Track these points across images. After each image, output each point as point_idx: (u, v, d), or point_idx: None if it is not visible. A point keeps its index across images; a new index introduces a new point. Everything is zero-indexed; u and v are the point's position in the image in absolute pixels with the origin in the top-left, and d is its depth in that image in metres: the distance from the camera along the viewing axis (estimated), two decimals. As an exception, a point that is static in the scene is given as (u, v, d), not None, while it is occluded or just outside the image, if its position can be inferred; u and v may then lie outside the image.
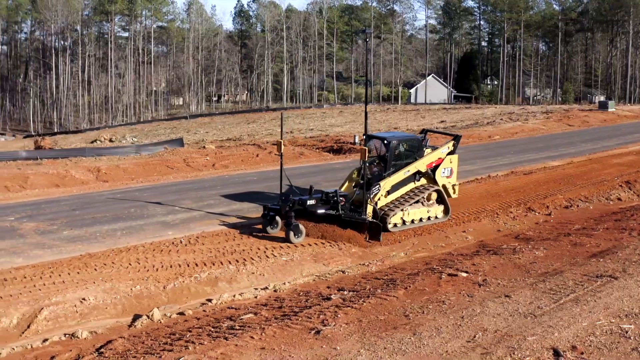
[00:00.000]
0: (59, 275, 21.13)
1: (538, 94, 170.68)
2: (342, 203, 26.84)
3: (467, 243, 26.76)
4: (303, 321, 16.04)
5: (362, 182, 27.35)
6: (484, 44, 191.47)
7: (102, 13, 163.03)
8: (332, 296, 18.72)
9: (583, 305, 16.16)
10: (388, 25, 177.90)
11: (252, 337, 14.89)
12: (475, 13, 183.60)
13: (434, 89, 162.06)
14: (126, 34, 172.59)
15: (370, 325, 15.39)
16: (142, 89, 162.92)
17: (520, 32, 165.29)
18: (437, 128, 74.08)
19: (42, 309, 18.63)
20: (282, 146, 28.70)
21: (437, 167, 29.69)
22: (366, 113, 57.06)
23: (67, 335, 17.47)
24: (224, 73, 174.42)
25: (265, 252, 24.31)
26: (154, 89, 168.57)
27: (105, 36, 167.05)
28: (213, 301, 19.95)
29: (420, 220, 28.93)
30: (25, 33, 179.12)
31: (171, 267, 22.32)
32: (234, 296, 20.36)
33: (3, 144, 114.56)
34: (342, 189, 28.54)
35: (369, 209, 27.13)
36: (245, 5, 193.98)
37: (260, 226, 27.31)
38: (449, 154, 30.16)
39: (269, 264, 23.41)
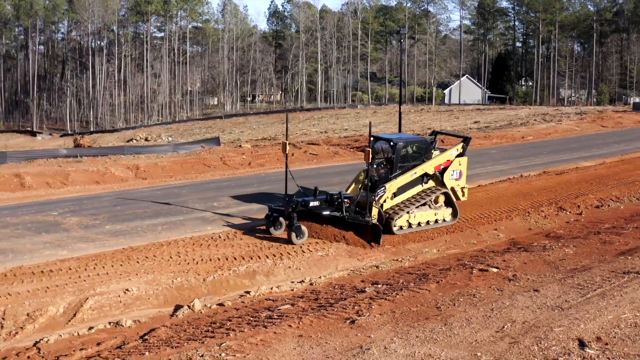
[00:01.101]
0: (103, 267, 21.95)
1: (573, 95, 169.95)
2: (347, 205, 26.69)
3: (498, 241, 27.09)
4: (338, 311, 16.65)
5: (368, 184, 27.30)
6: (518, 44, 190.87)
7: (138, 13, 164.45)
8: (366, 289, 19.31)
9: (609, 299, 16.61)
10: (422, 26, 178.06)
11: (289, 326, 15.53)
12: (510, 13, 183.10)
13: (468, 90, 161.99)
14: (162, 34, 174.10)
15: (403, 316, 15.95)
16: (178, 89, 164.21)
17: (555, 32, 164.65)
18: (470, 129, 74.41)
19: (87, 298, 19.40)
20: (287, 147, 28.46)
21: (445, 169, 29.29)
22: (400, 113, 57.67)
23: (111, 324, 18.17)
24: (258, 73, 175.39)
25: (301, 247, 24.93)
26: (189, 88, 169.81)
27: (141, 36, 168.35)
28: (251, 293, 20.60)
29: (428, 223, 28.61)
30: (62, 33, 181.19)
31: (210, 260, 23.05)
32: (272, 289, 20.99)
33: (40, 143, 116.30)
34: (349, 191, 28.44)
35: (374, 211, 26.93)
36: (280, 6, 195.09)
37: None
38: (458, 156, 29.77)
39: (305, 258, 24.06)
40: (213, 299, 20.14)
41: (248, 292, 20.77)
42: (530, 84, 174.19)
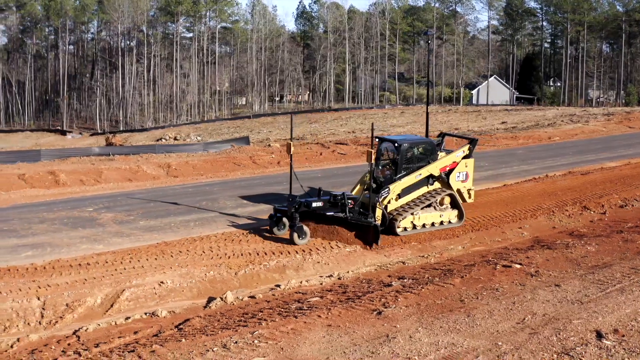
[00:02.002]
0: (138, 260, 22.76)
1: (601, 95, 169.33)
2: (351, 206, 26.62)
3: (522, 239, 27.47)
4: (366, 303, 17.30)
5: (373, 185, 27.35)
6: (546, 45, 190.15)
7: (168, 14, 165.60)
8: (392, 283, 19.91)
9: (628, 294, 17.13)
10: (450, 27, 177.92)
11: (319, 316, 16.19)
12: (538, 14, 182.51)
13: (496, 91, 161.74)
14: (191, 35, 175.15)
15: (427, 308, 16.56)
16: (206, 89, 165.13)
17: (584, 33, 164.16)
18: (497, 129, 74.79)
19: (123, 290, 20.20)
20: (292, 148, 28.80)
21: (451, 171, 29.25)
22: (427, 114, 58.14)
23: (147, 314, 18.93)
24: (286, 73, 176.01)
25: (330, 242, 25.62)
26: (218, 88, 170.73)
27: (171, 36, 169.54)
28: (281, 286, 21.27)
29: (433, 224, 28.49)
30: (92, 33, 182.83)
31: (242, 255, 23.80)
32: (301, 282, 21.65)
33: (70, 142, 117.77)
34: (354, 192, 28.39)
35: (378, 212, 26.87)
36: (308, 7, 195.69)
37: None
38: (464, 157, 29.75)
39: (333, 254, 24.74)
40: (245, 291, 20.86)
41: (278, 286, 21.45)
42: (559, 84, 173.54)
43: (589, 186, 37.17)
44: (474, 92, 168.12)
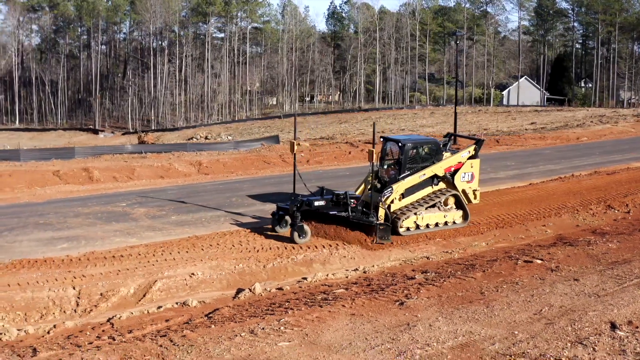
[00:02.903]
0: (170, 253, 23.57)
1: (633, 97, 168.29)
2: (354, 205, 26.73)
3: (546, 236, 27.86)
4: (389, 294, 17.89)
5: (377, 185, 27.97)
6: (577, 46, 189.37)
7: (199, 14, 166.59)
8: (415, 276, 20.48)
9: (644, 289, 17.62)
10: (481, 27, 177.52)
11: (343, 306, 16.81)
12: (569, 15, 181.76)
13: (527, 91, 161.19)
14: (222, 35, 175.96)
15: (448, 300, 17.11)
16: (237, 89, 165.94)
17: (615, 34, 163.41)
18: (526, 130, 74.95)
19: (155, 281, 20.99)
20: (296, 147, 29.14)
21: (456, 171, 29.18)
22: (455, 114, 58.61)
23: (178, 304, 19.65)
24: (317, 74, 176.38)
25: (357, 238, 26.16)
26: (249, 88, 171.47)
27: (202, 37, 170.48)
28: (308, 279, 21.94)
29: (437, 225, 28.53)
30: (124, 33, 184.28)
31: (270, 249, 24.58)
32: (327, 276, 22.29)
33: (102, 140, 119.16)
34: (358, 191, 28.52)
35: (381, 212, 27.01)
36: (338, 7, 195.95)
37: None
38: (470, 158, 29.69)
39: (359, 249, 25.40)
40: (272, 283, 21.55)
41: (305, 279, 22.12)
42: (590, 85, 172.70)
43: (614, 186, 37.38)
44: (505, 92, 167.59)
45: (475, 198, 30.06)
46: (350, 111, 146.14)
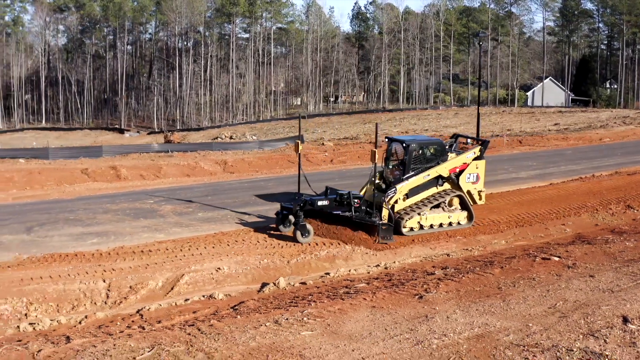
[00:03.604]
0: (197, 248, 24.34)
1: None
2: (357, 205, 26.95)
3: (564, 235, 28.27)
4: (408, 289, 18.44)
5: (383, 185, 28.25)
6: (602, 46, 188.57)
7: (224, 15, 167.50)
8: (435, 272, 21.03)
9: (659, 285, 18.07)
10: (505, 28, 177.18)
11: (364, 299, 17.39)
12: (594, 15, 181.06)
13: (551, 92, 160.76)
14: (247, 35, 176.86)
15: (466, 294, 17.63)
16: (262, 89, 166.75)
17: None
18: (549, 130, 75.21)
19: (183, 275, 21.69)
20: (300, 146, 29.76)
21: (461, 172, 29.16)
22: (478, 115, 58.91)
23: (205, 296, 20.37)
24: (341, 74, 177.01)
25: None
26: (273, 89, 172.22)
27: (227, 37, 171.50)
28: (331, 274, 22.58)
29: (441, 225, 28.62)
30: (150, 34, 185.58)
31: (294, 245, 25.29)
32: (349, 271, 22.92)
33: (128, 140, 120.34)
34: (363, 192, 28.50)
35: (384, 212, 27.11)
36: (363, 8, 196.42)
37: None
38: (475, 159, 29.65)
39: (381, 245, 25.96)
40: (296, 278, 22.16)
41: (328, 274, 22.75)
42: (615, 86, 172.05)
43: (635, 186, 37.65)
44: (529, 93, 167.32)
45: (480, 199, 30.09)
46: (375, 111, 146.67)
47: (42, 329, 17.75)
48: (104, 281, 20.93)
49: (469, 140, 32.43)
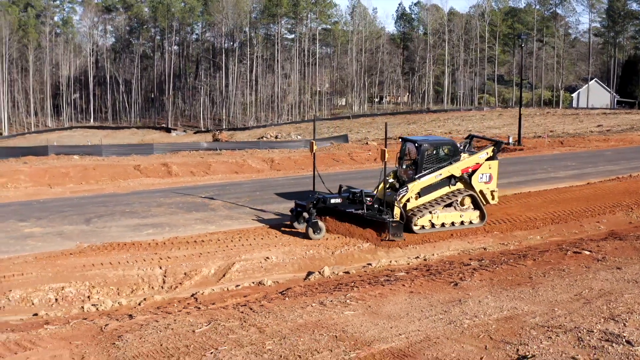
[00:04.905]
0: (246, 239, 25.92)
1: None
2: (370, 203, 27.42)
3: (598, 232, 29.13)
4: (445, 277, 19.72)
5: (397, 184, 29.12)
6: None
7: (270, 16, 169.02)
8: (471, 263, 22.30)
9: (681, 276, 19.15)
10: (550, 29, 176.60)
11: (403, 285, 18.72)
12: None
13: (597, 94, 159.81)
14: (292, 36, 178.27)
15: (498, 282, 18.83)
16: (307, 89, 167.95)
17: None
18: (591, 132, 75.74)
19: (234, 263, 23.20)
20: (315, 146, 30.64)
21: (474, 172, 29.58)
22: (520, 116, 59.85)
23: (255, 283, 21.85)
24: (386, 75, 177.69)
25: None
26: (318, 89, 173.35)
27: (272, 38, 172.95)
28: (373, 265, 23.96)
29: (452, 224, 29.17)
30: (197, 34, 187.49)
31: (338, 237, 26.74)
32: (390, 262, 24.28)
33: (174, 139, 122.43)
34: (377, 191, 28.92)
35: (396, 210, 27.59)
36: (407, 9, 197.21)
37: None
38: (488, 159, 30.00)
39: (420, 238, 27.47)
40: (340, 268, 23.55)
41: (370, 264, 24.11)
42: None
43: (672, 185, 38.38)
44: (574, 95, 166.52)
45: (493, 199, 30.53)
46: (419, 112, 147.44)
47: (104, 309, 19.31)
48: (160, 268, 22.47)
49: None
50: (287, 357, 12.86)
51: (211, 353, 13.11)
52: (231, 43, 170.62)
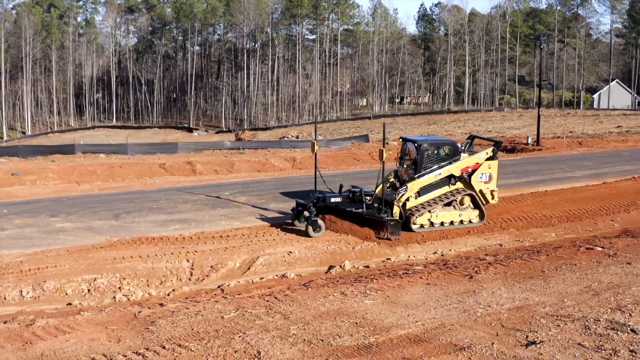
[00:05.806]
0: (270, 235, 26.98)
1: None
2: (369, 202, 27.99)
3: (612, 229, 29.71)
4: (460, 270, 20.61)
5: (398, 183, 29.70)
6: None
7: (291, 16, 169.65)
8: (486, 258, 23.14)
9: (688, 271, 19.90)
10: (572, 30, 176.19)
11: (420, 277, 19.63)
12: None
13: (618, 95, 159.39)
14: (313, 37, 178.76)
15: (512, 276, 19.65)
16: (328, 90, 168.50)
17: None
18: (610, 132, 76.26)
19: (258, 257, 24.19)
20: (316, 146, 31.64)
21: (474, 172, 29.87)
22: (539, 117, 60.56)
23: (278, 276, 22.86)
24: (406, 75, 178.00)
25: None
26: (339, 89, 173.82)
27: (294, 38, 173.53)
28: (392, 259, 24.89)
29: (452, 223, 29.50)
30: (218, 35, 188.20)
31: (359, 232, 27.55)
32: (409, 257, 25.20)
33: (196, 139, 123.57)
34: (377, 190, 29.08)
35: (395, 209, 27.99)
36: (429, 9, 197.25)
37: None
38: (488, 159, 30.30)
39: (437, 234, 28.39)
40: (360, 262, 24.51)
41: (389, 259, 25.04)
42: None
43: (687, 185, 38.90)
44: (595, 96, 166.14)
45: (493, 198, 30.86)
46: (440, 113, 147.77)
47: (135, 299, 20.37)
48: (188, 261, 23.49)
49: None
50: (311, 340, 13.80)
51: (239, 336, 14.07)
52: (253, 43, 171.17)
